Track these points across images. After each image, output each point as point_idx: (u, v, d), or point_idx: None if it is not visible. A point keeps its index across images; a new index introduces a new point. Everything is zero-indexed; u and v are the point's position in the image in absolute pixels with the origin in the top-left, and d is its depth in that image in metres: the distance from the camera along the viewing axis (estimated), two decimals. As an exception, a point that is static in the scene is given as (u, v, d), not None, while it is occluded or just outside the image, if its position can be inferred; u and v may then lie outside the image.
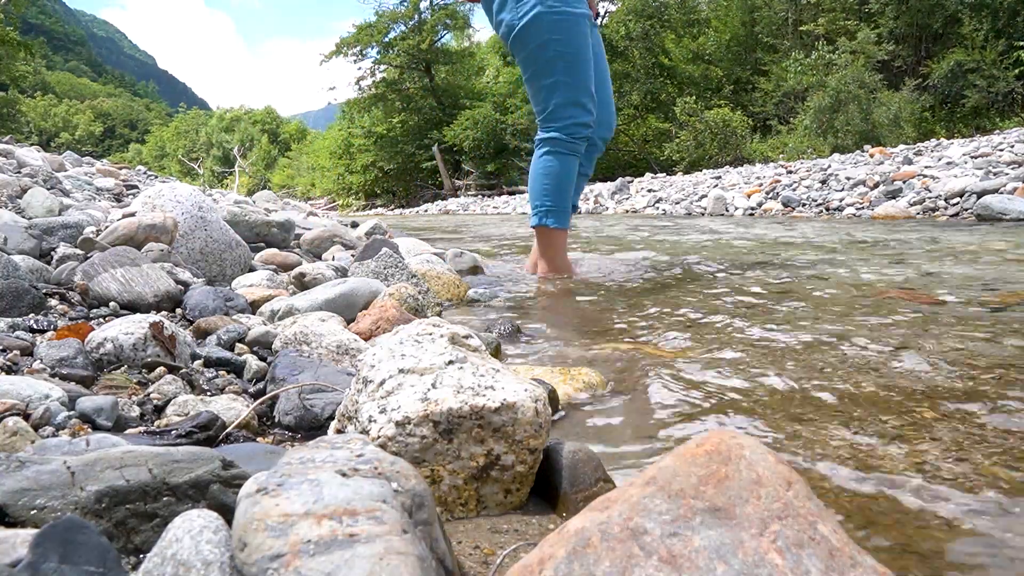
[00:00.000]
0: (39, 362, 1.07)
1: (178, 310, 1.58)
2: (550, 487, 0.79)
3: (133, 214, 2.02)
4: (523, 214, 13.89)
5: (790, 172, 10.02)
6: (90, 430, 0.86)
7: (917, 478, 0.79)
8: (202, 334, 1.40)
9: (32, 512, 0.56)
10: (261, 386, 1.14)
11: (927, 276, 2.44)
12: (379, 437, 0.74)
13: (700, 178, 12.83)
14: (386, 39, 29.94)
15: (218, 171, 49.42)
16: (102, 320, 1.41)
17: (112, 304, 1.49)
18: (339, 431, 0.86)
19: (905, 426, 0.95)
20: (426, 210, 21.64)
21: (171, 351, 1.17)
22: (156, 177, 9.19)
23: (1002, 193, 5.49)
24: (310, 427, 0.99)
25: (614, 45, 20.85)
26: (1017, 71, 14.46)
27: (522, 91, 25.65)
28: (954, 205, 5.82)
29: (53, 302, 1.45)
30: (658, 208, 10.20)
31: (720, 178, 12.07)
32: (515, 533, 0.72)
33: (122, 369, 1.11)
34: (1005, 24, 15.15)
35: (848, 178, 7.97)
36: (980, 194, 5.59)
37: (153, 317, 1.22)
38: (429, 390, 0.77)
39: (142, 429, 0.91)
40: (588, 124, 2.59)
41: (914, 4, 16.82)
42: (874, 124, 14.39)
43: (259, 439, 0.96)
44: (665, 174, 15.71)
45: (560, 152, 2.62)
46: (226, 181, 44.00)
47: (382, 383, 0.80)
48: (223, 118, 59.09)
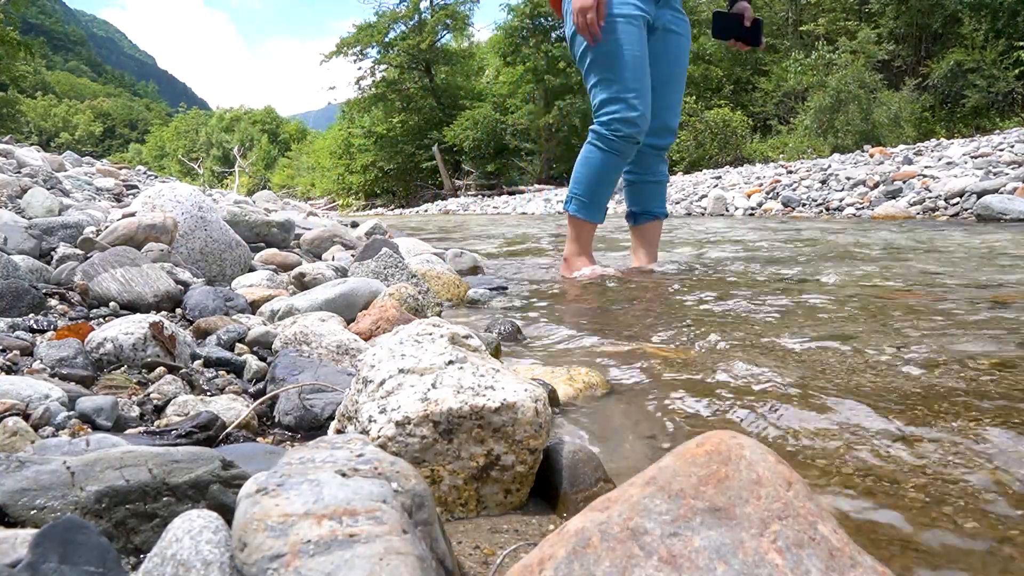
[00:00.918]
0: (39, 362, 1.07)
1: (178, 310, 1.57)
2: (550, 487, 0.79)
3: (133, 214, 2.02)
4: (523, 214, 13.89)
5: (790, 172, 10.03)
6: (90, 430, 0.86)
7: (917, 478, 0.79)
8: (202, 334, 1.40)
9: (32, 512, 0.56)
10: (261, 386, 1.14)
11: (927, 276, 2.44)
12: (379, 437, 0.74)
13: (700, 178, 12.85)
14: (386, 39, 29.97)
15: (218, 171, 49.41)
16: (102, 320, 1.41)
17: (112, 304, 1.49)
18: (339, 431, 0.86)
19: (905, 426, 0.95)
20: (426, 210, 21.65)
21: (171, 351, 1.17)
22: (156, 177, 9.19)
23: (1002, 193, 5.49)
24: (310, 427, 0.99)
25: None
26: (1017, 71, 14.47)
27: (522, 91, 25.68)
28: (954, 205, 5.82)
29: (53, 302, 1.45)
30: (658, 208, 10.17)
31: (720, 178, 12.08)
32: (515, 533, 0.72)
33: (122, 369, 1.11)
34: (1005, 24, 15.16)
35: (848, 178, 7.97)
36: (980, 194, 5.60)
37: (153, 317, 1.22)
38: (429, 390, 0.77)
39: (142, 429, 0.91)
40: (630, 120, 2.60)
41: (914, 4, 16.83)
42: (874, 124, 14.40)
43: (259, 439, 0.96)
44: (665, 174, 15.68)
45: (597, 145, 2.70)
46: (226, 181, 44.00)
47: (382, 383, 0.80)
48: (223, 118, 59.09)
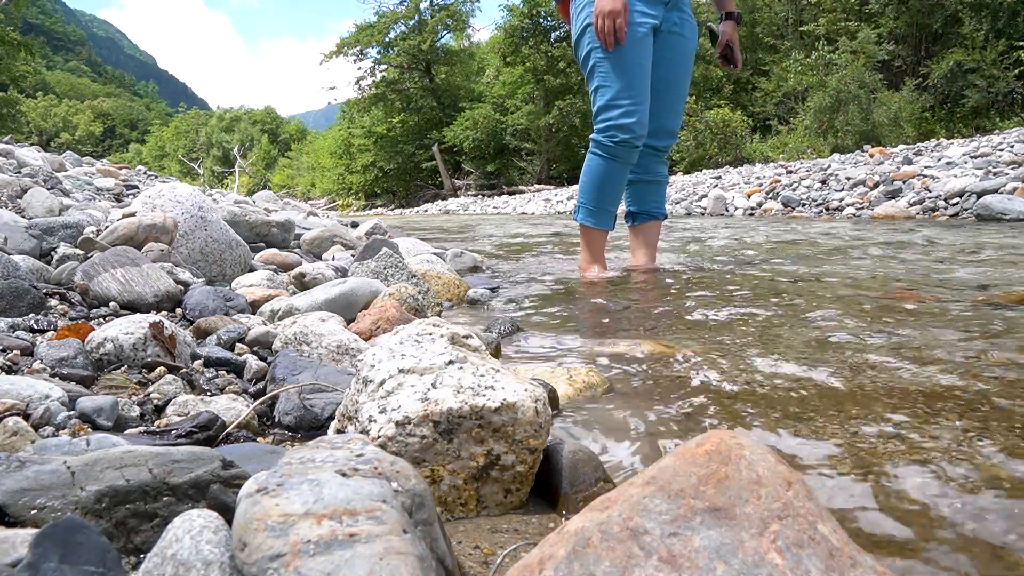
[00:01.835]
0: (39, 362, 1.07)
1: (178, 310, 1.57)
2: (550, 487, 0.79)
3: (133, 214, 2.02)
4: (523, 214, 13.89)
5: (790, 172, 10.02)
6: (90, 430, 0.86)
7: (918, 478, 0.79)
8: (202, 334, 1.40)
9: (32, 512, 0.56)
10: (261, 386, 1.14)
11: (927, 276, 2.44)
12: (379, 437, 0.74)
13: (700, 178, 12.84)
14: (386, 39, 29.98)
15: (218, 171, 49.41)
16: (102, 320, 1.41)
17: (112, 304, 1.49)
18: (339, 431, 0.86)
19: (905, 425, 0.95)
20: (426, 210, 21.65)
21: (171, 351, 1.17)
22: (156, 177, 9.19)
23: (1002, 193, 5.49)
24: (310, 427, 0.99)
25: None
26: (1017, 71, 14.46)
27: (521, 92, 25.66)
28: (954, 205, 5.82)
29: (53, 302, 1.45)
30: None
31: (720, 178, 12.08)
32: (515, 533, 0.72)
33: (122, 369, 1.11)
34: (1005, 24, 15.16)
35: (848, 178, 7.97)
36: (980, 194, 5.60)
37: (153, 317, 1.22)
38: (429, 390, 0.77)
39: (142, 429, 0.91)
40: (625, 127, 2.61)
41: (914, 4, 16.83)
42: (874, 124, 14.39)
43: (259, 439, 0.96)
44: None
45: (596, 153, 2.73)
46: (226, 181, 44.00)
47: (382, 383, 0.80)
48: (223, 118, 59.09)
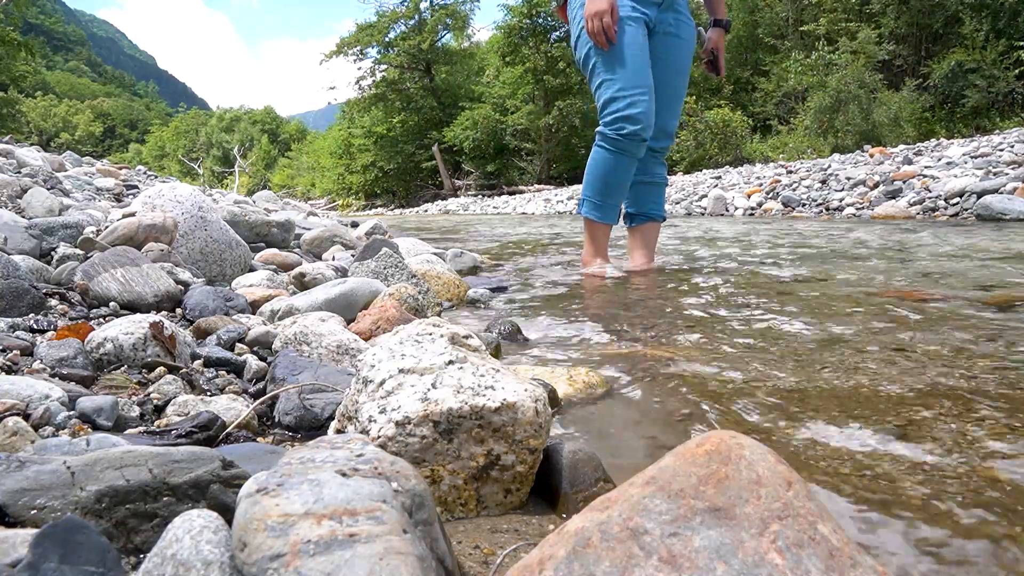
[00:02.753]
0: (39, 362, 1.06)
1: (178, 310, 1.57)
2: (550, 487, 0.79)
3: (133, 214, 2.02)
4: (523, 214, 13.89)
5: (790, 172, 10.02)
6: (90, 430, 0.86)
7: (918, 477, 0.79)
8: (202, 334, 1.40)
9: (32, 512, 0.56)
10: (261, 386, 1.14)
11: (927, 276, 2.44)
12: (379, 437, 0.74)
13: (700, 178, 12.84)
14: (386, 39, 29.99)
15: (218, 171, 49.42)
16: (102, 320, 1.41)
17: (112, 304, 1.49)
18: (339, 431, 0.86)
19: (905, 425, 0.95)
20: (426, 210, 21.66)
21: (171, 351, 1.17)
22: (156, 177, 9.19)
23: (1002, 193, 5.48)
24: (310, 427, 0.99)
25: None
26: (1017, 71, 14.46)
27: (521, 92, 25.66)
28: (954, 205, 5.82)
29: (53, 302, 1.45)
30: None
31: (720, 178, 12.08)
32: (515, 533, 0.72)
33: (122, 369, 1.11)
34: (1005, 24, 15.16)
35: (848, 178, 7.97)
36: (980, 194, 5.59)
37: (153, 317, 1.22)
38: (429, 390, 0.77)
39: (142, 429, 0.91)
40: (632, 117, 2.60)
41: (914, 4, 16.83)
42: (874, 124, 14.39)
43: (259, 439, 0.96)
44: (665, 174, 15.69)
45: (602, 146, 2.72)
46: (226, 181, 44.00)
47: (382, 383, 0.80)
48: (223, 118, 59.12)
